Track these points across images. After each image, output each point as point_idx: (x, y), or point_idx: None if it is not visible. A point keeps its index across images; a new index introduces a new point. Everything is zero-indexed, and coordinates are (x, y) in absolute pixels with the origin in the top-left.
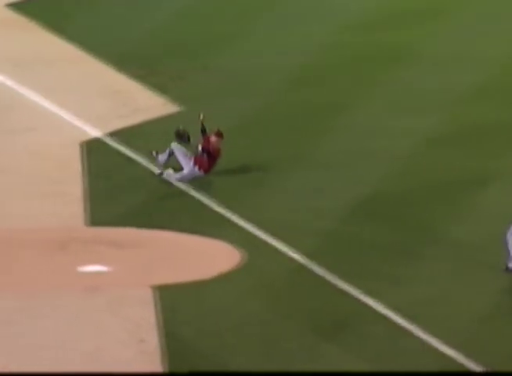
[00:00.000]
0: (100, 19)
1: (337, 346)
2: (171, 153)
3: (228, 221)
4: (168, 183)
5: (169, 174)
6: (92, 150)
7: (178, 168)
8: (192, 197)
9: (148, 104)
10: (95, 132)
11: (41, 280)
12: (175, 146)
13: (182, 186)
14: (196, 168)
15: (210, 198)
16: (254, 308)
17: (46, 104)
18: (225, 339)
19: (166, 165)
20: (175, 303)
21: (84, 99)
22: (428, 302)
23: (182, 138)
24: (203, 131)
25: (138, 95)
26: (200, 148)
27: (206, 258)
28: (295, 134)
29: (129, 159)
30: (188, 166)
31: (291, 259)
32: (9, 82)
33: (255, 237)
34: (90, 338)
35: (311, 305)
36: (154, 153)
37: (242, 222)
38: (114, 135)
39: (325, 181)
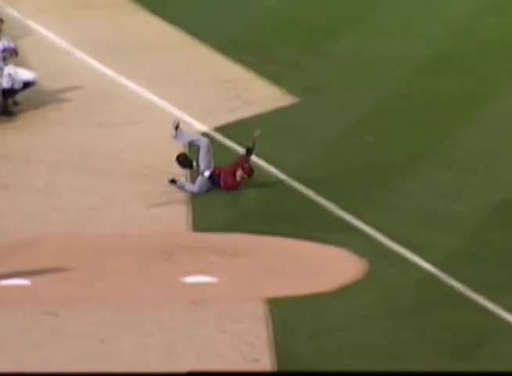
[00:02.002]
0: (207, 1)
1: (471, 368)
2: (194, 143)
3: (350, 226)
4: (286, 185)
5: (182, 183)
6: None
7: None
8: (310, 200)
9: (261, 95)
10: (201, 127)
11: (144, 291)
12: (206, 142)
13: (301, 188)
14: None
15: (330, 200)
16: (379, 324)
17: (148, 95)
18: (347, 359)
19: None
20: (291, 319)
21: (189, 89)
22: None
23: (185, 164)
24: (250, 151)
25: (250, 85)
26: (206, 173)
27: (325, 268)
28: (422, 129)
29: (240, 156)
30: (207, 171)
31: (420, 270)
32: (108, 71)
33: (380, 245)
34: (197, 356)
35: (442, 322)
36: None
37: (365, 228)
38: (223, 129)
39: (457, 182)
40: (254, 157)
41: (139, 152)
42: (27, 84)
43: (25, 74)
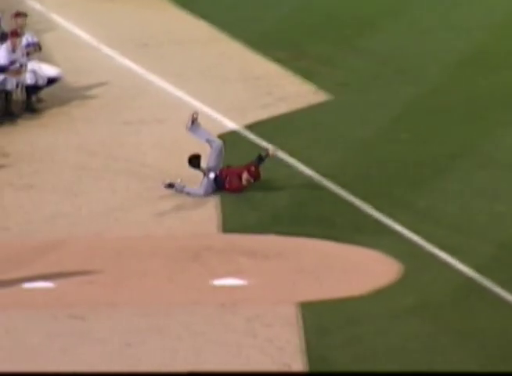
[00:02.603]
0: None
1: None
2: (208, 142)
3: (385, 227)
4: (319, 185)
5: (180, 185)
6: (229, 144)
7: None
8: (344, 200)
9: (294, 92)
10: (232, 124)
11: (171, 294)
12: (219, 144)
13: (333, 188)
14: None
15: (364, 201)
16: (415, 330)
17: (176, 91)
18: (382, 366)
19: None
20: (324, 323)
21: (219, 85)
22: None
23: (193, 164)
24: (261, 159)
25: (282, 81)
26: (211, 175)
27: (359, 270)
28: (460, 126)
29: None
30: (212, 173)
31: (459, 273)
32: (135, 66)
33: (416, 247)
34: (226, 361)
35: (480, 328)
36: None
37: (400, 229)
38: (254, 127)
39: (497, 182)
40: (285, 156)
41: (167, 150)
42: (51, 81)
43: (49, 70)
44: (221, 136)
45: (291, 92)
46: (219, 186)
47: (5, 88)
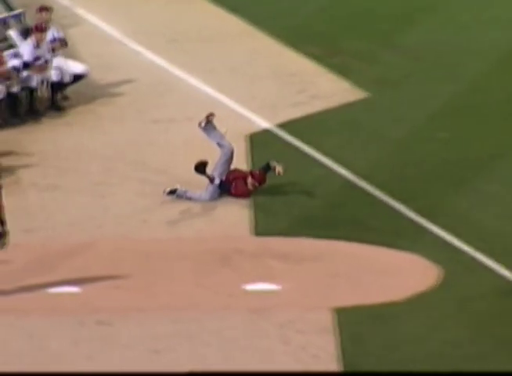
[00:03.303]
0: None
1: None
2: (219, 146)
3: (423, 230)
4: (354, 186)
5: (181, 191)
6: (260, 144)
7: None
8: (380, 202)
9: (329, 89)
10: (263, 123)
11: (201, 299)
12: (229, 150)
13: (369, 189)
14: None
15: (401, 203)
16: (455, 338)
17: (206, 89)
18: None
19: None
20: (360, 330)
21: (251, 82)
22: None
23: (199, 170)
24: (268, 169)
25: (316, 78)
26: (217, 181)
27: (397, 275)
28: (502, 124)
29: (304, 155)
30: (218, 179)
31: (500, 278)
32: (164, 62)
33: (455, 250)
34: (257, 369)
35: None
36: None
37: (439, 232)
38: (287, 126)
39: None
40: (319, 156)
41: (196, 149)
42: (77, 78)
43: (75, 67)
44: (252, 135)
45: (325, 89)
46: (225, 190)
47: (30, 85)
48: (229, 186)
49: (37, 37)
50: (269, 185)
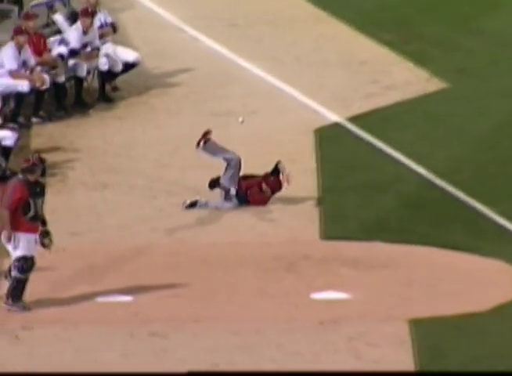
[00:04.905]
0: None
1: None
2: (224, 160)
3: (509, 234)
4: (433, 185)
5: (202, 202)
6: (330, 139)
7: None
8: (461, 203)
9: (403, 79)
10: (332, 116)
11: (264, 309)
12: (236, 161)
13: (450, 189)
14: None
15: (484, 204)
16: None
17: (269, 78)
18: None
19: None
20: (439, 343)
21: (318, 71)
22: None
23: (213, 186)
24: (277, 171)
25: (390, 67)
26: (233, 191)
27: (479, 283)
28: None
29: (377, 152)
30: (233, 189)
31: None
32: (224, 50)
33: None
34: None
35: None
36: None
37: None
38: (358, 119)
39: None
40: (393, 152)
41: (259, 145)
42: (128, 66)
43: (126, 54)
44: (320, 130)
45: (400, 79)
46: (242, 200)
47: (77, 75)
48: (244, 195)
49: (84, 22)
50: (338, 185)
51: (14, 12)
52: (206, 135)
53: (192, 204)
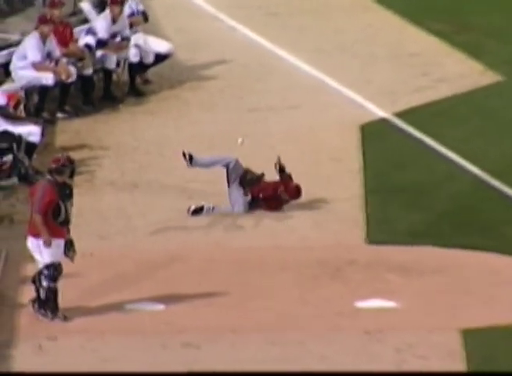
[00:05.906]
0: None
1: None
2: (220, 166)
3: None
4: (487, 186)
5: (209, 208)
6: (376, 136)
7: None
8: None
9: (456, 72)
10: (379, 111)
11: (305, 318)
12: (234, 163)
13: (506, 190)
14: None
15: None
16: None
17: (312, 71)
18: None
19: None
20: (494, 354)
21: (365, 64)
22: None
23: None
24: (282, 171)
25: (442, 59)
26: (248, 198)
27: None
28: None
29: (427, 149)
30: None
31: None
32: (262, 40)
33: None
34: None
35: None
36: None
37: None
38: (407, 115)
39: None
40: (444, 150)
41: (300, 142)
42: (160, 58)
43: (158, 45)
44: (366, 126)
45: (452, 72)
46: (254, 205)
47: (105, 67)
48: (257, 200)
49: (114, 10)
50: (384, 185)
51: (38, 0)
52: (184, 157)
53: (198, 210)
